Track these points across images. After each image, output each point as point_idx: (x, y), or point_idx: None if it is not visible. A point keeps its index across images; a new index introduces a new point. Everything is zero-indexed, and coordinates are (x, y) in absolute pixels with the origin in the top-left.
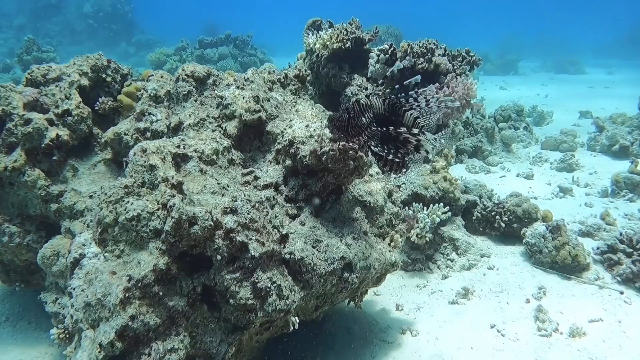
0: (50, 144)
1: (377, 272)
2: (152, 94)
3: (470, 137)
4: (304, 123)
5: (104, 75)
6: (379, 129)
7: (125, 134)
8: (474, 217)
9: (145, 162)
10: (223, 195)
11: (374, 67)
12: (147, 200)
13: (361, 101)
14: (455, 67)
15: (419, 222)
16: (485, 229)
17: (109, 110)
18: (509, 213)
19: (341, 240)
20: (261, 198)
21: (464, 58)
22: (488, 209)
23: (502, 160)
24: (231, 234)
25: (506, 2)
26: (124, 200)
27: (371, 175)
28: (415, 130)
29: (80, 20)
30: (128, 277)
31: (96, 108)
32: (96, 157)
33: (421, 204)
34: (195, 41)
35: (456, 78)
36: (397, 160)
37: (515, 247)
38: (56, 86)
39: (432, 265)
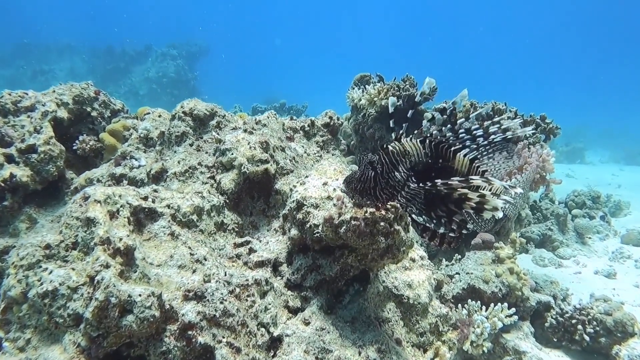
0: (2, 184)
1: None
2: (142, 135)
3: (537, 223)
4: (322, 180)
5: (88, 109)
6: (421, 185)
7: (99, 181)
8: (546, 324)
9: (82, 213)
10: (194, 271)
11: (428, 128)
12: (73, 269)
13: (390, 148)
14: (528, 135)
15: (476, 326)
16: (561, 341)
17: (89, 151)
18: (595, 322)
19: (360, 353)
20: (247, 281)
21: (539, 125)
22: (566, 315)
23: (576, 253)
24: (189, 332)
25: (573, 91)
26: (40, 267)
27: (413, 260)
28: (477, 179)
29: (144, 84)
30: None
31: (74, 147)
32: (65, 207)
33: (479, 301)
34: (249, 108)
35: (529, 147)
36: (451, 234)
37: None
38: (28, 116)
39: None
